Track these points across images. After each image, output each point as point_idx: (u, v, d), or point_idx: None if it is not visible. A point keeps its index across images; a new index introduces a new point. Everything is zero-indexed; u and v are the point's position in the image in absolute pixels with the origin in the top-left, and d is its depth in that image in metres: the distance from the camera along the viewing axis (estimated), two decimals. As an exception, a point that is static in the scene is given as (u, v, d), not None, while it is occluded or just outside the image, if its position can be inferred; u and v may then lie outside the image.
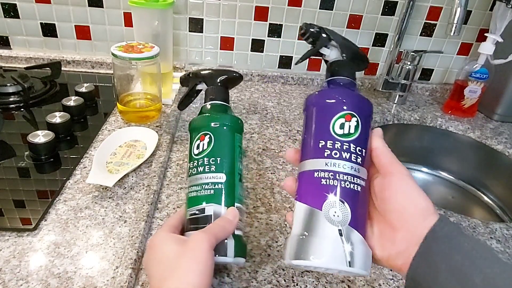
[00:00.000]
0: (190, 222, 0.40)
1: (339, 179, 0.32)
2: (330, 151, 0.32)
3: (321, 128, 0.34)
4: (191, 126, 0.45)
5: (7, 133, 0.68)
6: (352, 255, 0.30)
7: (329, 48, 0.39)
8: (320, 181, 0.32)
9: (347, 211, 0.31)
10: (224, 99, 0.47)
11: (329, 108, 0.34)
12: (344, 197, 0.31)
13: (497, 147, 0.88)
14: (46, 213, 0.51)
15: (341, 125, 0.33)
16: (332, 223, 0.30)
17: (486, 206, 0.90)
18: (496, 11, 0.84)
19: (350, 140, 0.33)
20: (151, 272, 0.36)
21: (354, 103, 0.34)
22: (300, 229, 0.32)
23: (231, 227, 0.39)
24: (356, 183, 0.32)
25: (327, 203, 0.31)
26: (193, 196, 0.41)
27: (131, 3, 0.75)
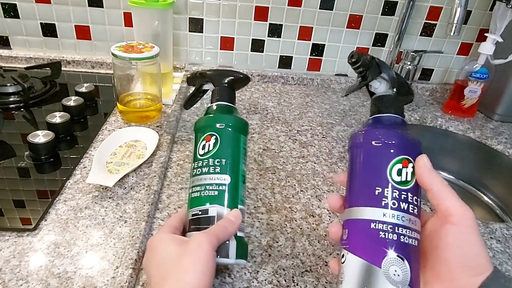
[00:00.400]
0: (192, 223, 0.40)
1: (398, 233, 0.29)
2: (388, 200, 0.30)
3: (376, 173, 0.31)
4: (196, 126, 0.45)
5: (7, 133, 0.68)
6: None
7: (379, 81, 0.36)
8: (379, 233, 0.29)
9: (407, 269, 0.29)
10: (230, 101, 0.47)
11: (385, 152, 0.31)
12: (403, 253, 0.29)
13: (497, 147, 0.88)
14: (46, 213, 0.51)
15: (398, 171, 0.31)
16: (393, 283, 0.28)
17: (486, 206, 0.91)
18: (496, 11, 0.84)
19: (408, 188, 0.30)
20: (151, 273, 0.36)
21: (410, 147, 0.32)
22: (354, 285, 0.29)
23: (233, 228, 0.39)
24: (413, 237, 0.30)
25: (387, 260, 0.28)
26: (196, 197, 0.41)
27: (131, 3, 0.75)
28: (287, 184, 0.63)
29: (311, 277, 0.47)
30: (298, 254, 0.50)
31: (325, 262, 0.49)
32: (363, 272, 0.29)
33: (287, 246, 0.51)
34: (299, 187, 0.63)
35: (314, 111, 0.91)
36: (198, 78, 0.51)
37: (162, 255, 0.36)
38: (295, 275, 0.47)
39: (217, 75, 0.49)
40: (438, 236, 0.30)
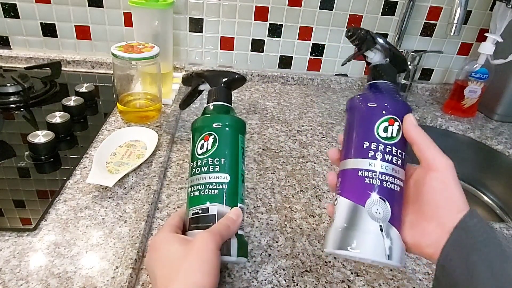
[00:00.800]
0: (193, 221, 0.40)
1: (381, 179, 0.34)
2: (374, 153, 0.35)
3: (366, 130, 0.36)
4: (194, 126, 0.45)
5: (7, 133, 0.68)
6: (391, 249, 0.32)
7: (373, 51, 0.40)
8: (364, 179, 0.34)
9: (387, 209, 0.33)
10: (227, 100, 0.47)
11: (374, 112, 0.36)
12: (385, 196, 0.34)
13: (497, 147, 0.88)
14: (46, 213, 0.51)
15: (384, 128, 0.35)
16: (374, 219, 0.33)
17: (486, 206, 0.91)
18: (496, 11, 0.84)
19: (393, 143, 0.35)
20: (155, 273, 0.35)
21: (397, 108, 0.36)
22: (343, 222, 0.34)
23: (235, 226, 0.39)
24: (396, 184, 0.34)
25: (370, 201, 0.34)
26: (196, 196, 0.41)
27: (131, 3, 0.75)
28: (287, 184, 0.63)
29: (311, 277, 0.47)
30: (298, 254, 0.50)
31: (325, 262, 0.49)
32: (350, 210, 0.34)
33: (287, 246, 0.51)
34: (299, 187, 0.63)
35: (314, 111, 0.91)
36: (194, 78, 0.52)
37: (167, 254, 0.36)
38: (295, 275, 0.47)
39: (213, 76, 0.49)
40: (423, 182, 0.34)
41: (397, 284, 0.47)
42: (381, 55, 0.40)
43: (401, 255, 0.33)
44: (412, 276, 0.48)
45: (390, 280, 0.47)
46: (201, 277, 0.33)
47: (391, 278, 0.48)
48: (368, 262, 0.36)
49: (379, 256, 0.32)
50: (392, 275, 0.48)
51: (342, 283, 0.46)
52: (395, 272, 0.49)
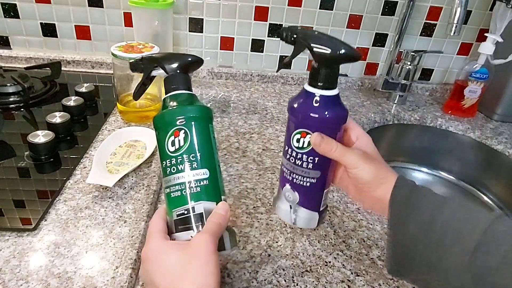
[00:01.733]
0: (179, 223, 0.39)
1: (292, 176, 0.43)
2: (290, 156, 0.43)
3: (287, 135, 0.43)
4: (159, 121, 0.41)
5: (7, 133, 0.68)
6: (295, 220, 0.45)
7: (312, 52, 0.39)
8: (283, 172, 0.45)
9: (296, 196, 0.44)
10: (189, 88, 0.43)
11: (291, 123, 0.42)
12: (295, 187, 0.44)
13: (497, 147, 0.88)
14: (46, 213, 0.51)
15: (297, 140, 0.42)
16: (287, 201, 0.45)
17: (486, 206, 0.90)
18: (496, 11, 0.84)
19: (304, 152, 0.42)
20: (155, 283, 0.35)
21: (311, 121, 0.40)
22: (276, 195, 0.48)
23: (225, 222, 0.38)
24: (305, 181, 0.43)
25: (285, 188, 0.45)
26: (177, 196, 0.39)
27: (131, 3, 0.75)
28: (287, 184, 0.63)
29: (311, 277, 0.47)
30: (298, 254, 0.50)
31: (325, 262, 0.49)
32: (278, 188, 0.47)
33: (287, 246, 0.51)
34: (299, 187, 0.63)
35: (314, 111, 0.90)
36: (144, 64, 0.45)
37: (166, 264, 0.35)
38: (295, 275, 0.47)
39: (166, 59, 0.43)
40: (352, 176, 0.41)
41: (397, 284, 0.47)
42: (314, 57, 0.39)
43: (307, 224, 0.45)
44: (412, 276, 0.48)
45: (390, 280, 0.47)
46: (207, 278, 0.33)
47: (391, 278, 0.48)
48: None
49: (287, 220, 0.46)
50: (392, 275, 0.48)
51: (342, 283, 0.46)
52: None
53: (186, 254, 0.35)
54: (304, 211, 0.45)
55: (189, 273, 0.33)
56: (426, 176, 0.99)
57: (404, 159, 0.99)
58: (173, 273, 0.34)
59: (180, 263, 0.34)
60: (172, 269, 0.34)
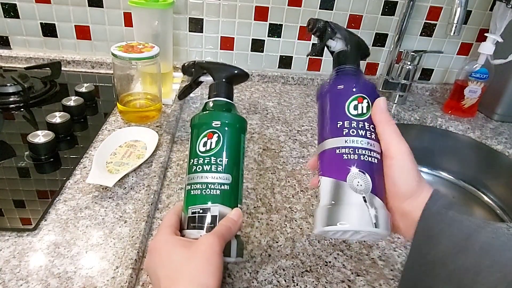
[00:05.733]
0: (192, 220, 0.40)
1: (358, 153, 0.35)
2: (348, 130, 0.36)
3: (337, 111, 0.37)
4: (196, 121, 0.43)
5: (7, 133, 0.68)
6: (376, 218, 0.33)
7: (335, 40, 0.42)
8: (342, 156, 0.35)
9: (368, 180, 0.34)
10: (230, 97, 0.45)
11: (343, 93, 0.38)
12: (364, 168, 0.35)
13: (497, 147, 0.88)
14: (46, 213, 0.51)
15: (354, 106, 0.37)
16: (357, 192, 0.34)
17: (486, 206, 0.90)
18: (496, 11, 0.84)
19: (364, 119, 0.37)
20: (158, 275, 0.35)
21: (363, 87, 0.38)
22: (328, 200, 0.35)
23: (236, 228, 0.39)
24: (372, 156, 0.36)
25: (351, 175, 0.35)
26: (196, 194, 0.40)
27: (131, 3, 0.75)
28: (287, 184, 0.63)
29: (311, 277, 0.47)
30: (298, 254, 0.50)
31: (325, 262, 0.49)
32: (333, 188, 0.35)
33: (287, 246, 0.51)
34: (299, 187, 0.63)
35: (314, 111, 0.91)
36: (195, 68, 0.49)
37: (171, 257, 0.35)
38: (295, 275, 0.47)
39: (216, 68, 0.47)
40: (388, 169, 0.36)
41: (397, 284, 0.47)
42: (342, 43, 0.42)
43: (387, 223, 0.34)
44: (412, 276, 0.48)
45: (390, 280, 0.47)
46: (207, 278, 0.33)
47: (392, 278, 0.48)
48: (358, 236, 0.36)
49: (366, 225, 0.33)
50: (393, 275, 0.48)
51: (342, 283, 0.46)
52: (395, 272, 0.49)
53: (190, 251, 0.35)
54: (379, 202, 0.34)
55: (190, 271, 0.33)
56: (426, 176, 0.99)
57: (404, 159, 0.99)
58: (176, 268, 0.34)
59: (183, 259, 0.35)
60: (175, 264, 0.35)
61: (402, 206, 0.35)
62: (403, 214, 0.35)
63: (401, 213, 0.35)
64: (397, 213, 0.35)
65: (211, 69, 0.47)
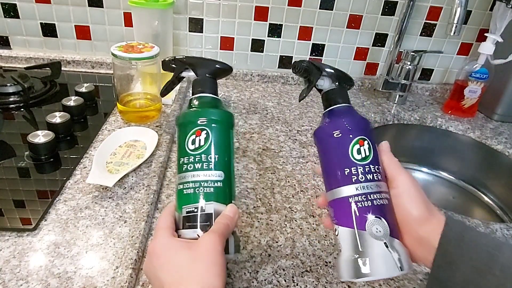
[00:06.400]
0: (186, 220, 0.39)
1: (371, 199, 0.36)
2: (357, 177, 0.36)
3: (342, 157, 0.38)
4: (182, 119, 0.43)
5: (7, 133, 0.68)
6: (400, 261, 0.34)
7: (322, 79, 0.42)
8: (357, 205, 0.36)
9: (385, 225, 0.35)
10: (215, 92, 0.45)
11: (344, 138, 0.38)
12: (379, 213, 0.35)
13: (497, 147, 0.88)
14: (46, 213, 0.51)
15: (358, 150, 0.37)
16: (378, 239, 0.35)
17: (486, 206, 0.90)
18: (496, 11, 0.84)
19: (368, 162, 0.37)
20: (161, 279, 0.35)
21: (361, 128, 0.39)
22: (351, 251, 0.36)
23: (233, 224, 0.39)
24: (383, 198, 0.36)
25: (369, 223, 0.35)
26: (189, 193, 0.39)
27: (131, 3, 0.75)
28: (287, 184, 0.63)
29: (311, 277, 0.47)
30: (298, 254, 0.50)
31: (325, 262, 0.49)
32: (353, 238, 0.35)
33: (287, 246, 0.51)
34: (299, 187, 0.63)
35: (314, 111, 0.91)
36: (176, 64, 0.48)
37: (173, 260, 0.35)
38: (295, 275, 0.47)
39: (198, 64, 0.46)
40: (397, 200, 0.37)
41: (397, 285, 0.47)
42: (329, 81, 0.42)
43: (409, 261, 0.35)
44: (412, 277, 0.48)
45: (390, 281, 0.47)
46: (214, 279, 0.33)
47: (392, 278, 0.48)
48: None
49: (393, 271, 0.34)
50: (392, 275, 0.48)
51: (342, 283, 0.46)
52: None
53: (194, 253, 0.35)
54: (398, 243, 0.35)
55: (196, 273, 0.33)
56: (426, 176, 0.99)
57: (404, 159, 0.99)
58: (180, 271, 0.34)
59: (187, 261, 0.34)
60: (179, 267, 0.34)
61: (418, 233, 0.35)
62: (420, 241, 0.35)
63: (417, 241, 0.35)
64: (414, 241, 0.36)
65: (193, 64, 0.46)
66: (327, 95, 0.42)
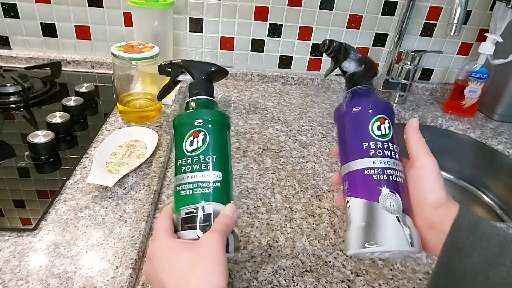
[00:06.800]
0: (185, 221, 0.39)
1: (387, 174, 0.36)
2: (375, 151, 0.37)
3: (361, 132, 0.38)
4: (179, 121, 0.43)
5: (7, 133, 0.68)
6: (411, 237, 0.34)
7: (348, 61, 0.43)
8: (372, 177, 0.36)
9: (399, 200, 0.35)
10: (211, 94, 0.45)
11: (365, 114, 0.39)
12: (394, 188, 0.36)
13: (497, 147, 0.88)
14: (46, 213, 0.51)
15: (378, 127, 0.38)
16: (390, 212, 0.35)
17: (486, 206, 0.90)
18: (496, 11, 0.84)
19: (388, 139, 0.38)
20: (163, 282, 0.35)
21: (383, 108, 0.39)
22: (361, 221, 0.35)
23: (232, 224, 0.39)
24: (399, 176, 0.37)
25: (383, 196, 0.35)
26: (187, 195, 0.40)
27: (131, 3, 0.75)
28: (287, 184, 0.63)
29: (311, 277, 0.47)
30: (298, 254, 0.50)
31: (325, 262, 0.49)
32: (366, 209, 0.35)
33: (287, 246, 0.51)
34: (299, 187, 0.63)
35: (314, 111, 0.91)
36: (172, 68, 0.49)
37: (175, 262, 0.35)
38: (295, 275, 0.47)
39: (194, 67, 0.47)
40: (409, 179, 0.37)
41: (397, 284, 0.47)
42: (355, 64, 0.43)
43: (419, 241, 0.35)
44: (412, 276, 0.48)
45: (390, 280, 0.47)
46: (218, 278, 0.33)
47: (391, 278, 0.48)
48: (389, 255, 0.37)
49: (403, 245, 0.33)
50: (392, 275, 0.48)
51: (342, 283, 0.46)
52: (395, 272, 0.49)
53: (196, 254, 0.34)
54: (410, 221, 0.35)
55: (200, 273, 0.33)
56: (426, 176, 0.99)
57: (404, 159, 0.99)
58: (183, 272, 0.34)
59: (190, 262, 0.34)
60: (182, 268, 0.34)
61: (431, 217, 0.35)
62: (432, 226, 0.35)
63: (430, 225, 0.35)
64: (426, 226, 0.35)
65: (189, 67, 0.47)
66: (351, 76, 0.43)
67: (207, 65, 0.47)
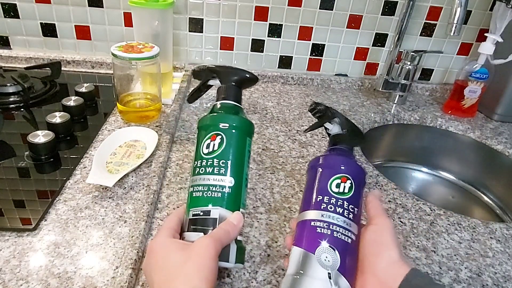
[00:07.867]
0: (192, 223, 0.39)
1: (332, 229, 0.36)
2: (326, 205, 0.38)
3: (320, 185, 0.40)
4: (201, 123, 0.44)
5: (7, 133, 0.68)
6: None
7: (332, 124, 0.46)
8: (316, 229, 0.37)
9: (336, 257, 0.35)
10: (237, 100, 0.45)
11: (329, 170, 0.40)
12: (335, 245, 0.36)
13: (497, 147, 0.88)
14: (46, 213, 0.51)
15: (337, 184, 0.39)
16: (323, 267, 0.35)
17: (486, 206, 0.90)
18: (496, 11, 0.84)
19: (344, 198, 0.38)
20: (153, 278, 0.35)
21: (349, 169, 0.40)
22: (294, 270, 0.36)
23: (235, 232, 0.38)
24: (346, 235, 0.37)
25: (320, 249, 0.36)
26: (198, 196, 0.40)
27: (131, 3, 0.75)
28: (287, 184, 0.63)
29: (311, 277, 0.47)
30: (298, 254, 0.50)
31: (324, 262, 0.49)
32: (301, 258, 0.36)
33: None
34: (298, 187, 0.63)
35: (314, 111, 0.91)
36: (205, 72, 0.49)
37: (165, 260, 0.35)
38: (295, 275, 0.47)
39: (225, 72, 0.47)
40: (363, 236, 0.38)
41: (396, 284, 0.47)
42: (338, 127, 0.46)
43: None
44: None
45: None
46: (199, 282, 0.33)
47: None
48: None
49: None
50: None
51: (342, 283, 0.46)
52: None
53: (184, 255, 0.35)
54: (345, 283, 0.35)
55: (184, 274, 0.33)
56: (426, 176, 0.99)
57: (404, 159, 0.99)
58: (169, 271, 0.34)
59: (177, 262, 0.34)
60: (170, 267, 0.35)
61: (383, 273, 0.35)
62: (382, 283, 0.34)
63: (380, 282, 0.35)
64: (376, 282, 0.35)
65: (221, 72, 0.47)
66: (332, 137, 0.46)
67: (239, 71, 0.47)
